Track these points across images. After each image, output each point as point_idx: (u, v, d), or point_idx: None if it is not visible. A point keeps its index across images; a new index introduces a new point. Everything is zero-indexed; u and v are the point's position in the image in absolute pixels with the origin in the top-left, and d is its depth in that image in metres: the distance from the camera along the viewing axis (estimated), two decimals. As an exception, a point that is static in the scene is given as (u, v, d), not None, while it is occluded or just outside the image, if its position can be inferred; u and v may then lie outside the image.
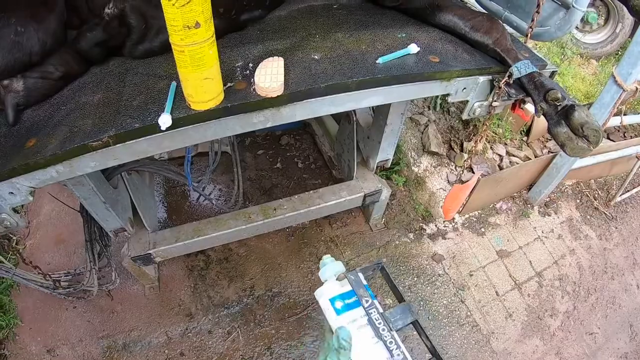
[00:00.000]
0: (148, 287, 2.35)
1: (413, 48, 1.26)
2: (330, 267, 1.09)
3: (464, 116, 1.51)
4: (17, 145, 1.03)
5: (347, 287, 1.04)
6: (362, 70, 1.14)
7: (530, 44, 4.11)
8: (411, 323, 0.96)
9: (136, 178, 2.08)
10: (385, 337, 0.87)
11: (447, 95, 1.36)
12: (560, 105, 1.26)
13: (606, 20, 4.30)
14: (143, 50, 1.25)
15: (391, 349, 0.85)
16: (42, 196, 2.69)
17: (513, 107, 1.50)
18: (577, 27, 4.32)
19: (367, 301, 0.94)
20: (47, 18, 1.14)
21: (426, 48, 1.32)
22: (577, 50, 4.16)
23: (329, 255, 1.17)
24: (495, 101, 1.39)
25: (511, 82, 1.32)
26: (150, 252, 2.01)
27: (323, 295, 1.00)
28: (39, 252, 2.48)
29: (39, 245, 2.52)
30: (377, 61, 1.19)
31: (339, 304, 0.95)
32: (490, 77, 1.36)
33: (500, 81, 1.32)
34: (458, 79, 1.31)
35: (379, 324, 0.89)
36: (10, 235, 2.47)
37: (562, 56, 4.00)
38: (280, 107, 1.10)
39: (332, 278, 1.06)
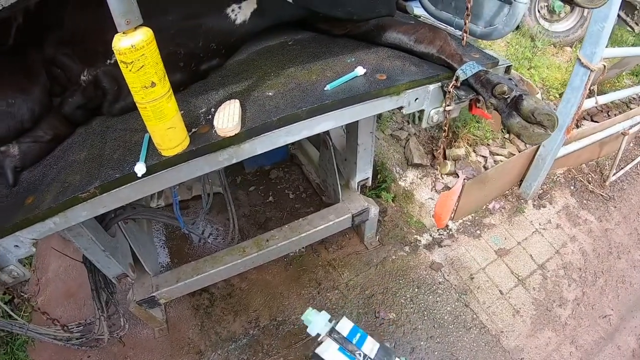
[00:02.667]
0: (157, 329, 2.41)
1: (359, 70, 1.38)
2: (317, 321, 1.17)
3: (423, 124, 1.59)
4: (17, 203, 1.16)
5: (347, 330, 1.14)
6: (311, 99, 1.26)
7: (502, 43, 4.21)
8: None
9: (133, 226, 2.18)
10: None
11: (401, 107, 1.46)
12: (508, 97, 1.32)
13: (573, 6, 4.39)
14: (119, 108, 1.39)
15: None
16: (48, 254, 2.82)
17: (470, 107, 1.57)
18: (545, 18, 4.40)
19: (360, 355, 1.05)
20: (32, 89, 1.28)
21: (374, 68, 1.43)
22: (549, 40, 4.24)
23: (309, 309, 1.24)
24: (448, 106, 1.48)
25: (459, 84, 1.39)
26: (154, 294, 2.09)
27: (328, 350, 1.09)
28: (50, 307, 2.57)
29: (50, 300, 2.62)
30: (325, 88, 1.30)
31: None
32: (440, 84, 1.44)
33: (449, 86, 1.41)
34: (407, 91, 1.40)
35: None
36: (22, 294, 2.58)
37: (534, 49, 4.09)
38: (240, 144, 1.21)
39: (323, 329, 1.14)
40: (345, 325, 1.18)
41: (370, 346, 1.12)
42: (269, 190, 3.20)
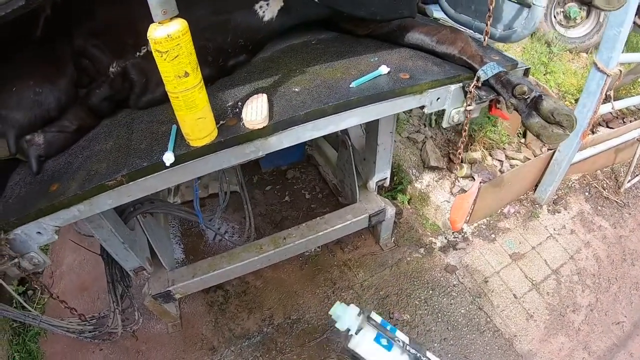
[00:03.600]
0: (171, 325, 2.43)
1: (383, 69, 1.39)
2: (347, 315, 1.10)
3: (444, 124, 1.60)
4: (42, 190, 1.18)
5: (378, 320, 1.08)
6: (337, 96, 1.27)
7: (518, 48, 4.18)
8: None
9: (151, 220, 2.21)
10: None
11: (423, 107, 1.47)
12: (528, 97, 1.33)
13: (588, 12, 4.33)
14: (146, 101, 1.41)
15: None
16: (63, 248, 2.86)
17: (490, 108, 1.58)
18: (561, 24, 4.38)
19: (398, 341, 1.00)
20: (60, 79, 1.30)
21: (397, 67, 1.45)
22: (565, 46, 4.21)
23: (338, 304, 1.18)
24: (469, 105, 1.49)
25: (480, 85, 1.41)
26: (169, 289, 2.11)
27: (362, 343, 1.03)
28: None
29: (64, 293, 2.64)
30: (350, 85, 1.31)
31: (384, 341, 1.00)
32: (461, 84, 1.45)
33: (470, 86, 1.42)
34: (430, 90, 1.41)
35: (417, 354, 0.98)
36: (37, 286, 2.61)
37: (550, 54, 4.07)
38: (267, 137, 1.23)
39: (354, 323, 1.06)
40: (376, 317, 1.13)
41: (402, 337, 1.09)
42: (285, 190, 3.22)
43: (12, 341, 2.39)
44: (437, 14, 2.03)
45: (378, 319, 1.11)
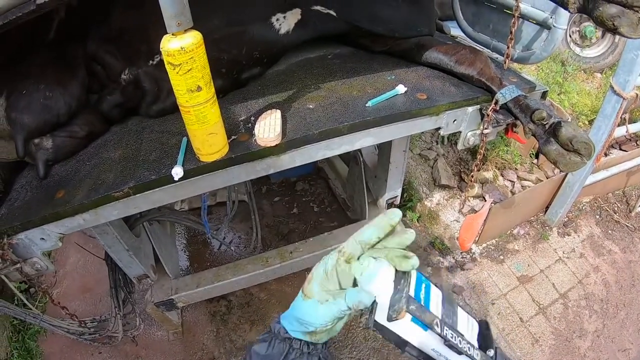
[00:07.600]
0: (172, 332, 2.40)
1: (400, 88, 1.36)
2: (379, 278, 0.63)
3: (459, 146, 1.56)
4: (47, 196, 1.15)
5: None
6: (352, 115, 1.24)
7: (533, 67, 4.12)
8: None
9: (157, 227, 2.18)
10: (463, 348, 0.66)
11: (439, 128, 1.44)
12: (547, 123, 1.29)
13: (604, 33, 4.26)
14: (157, 110, 1.39)
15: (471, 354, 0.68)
16: (68, 247, 2.83)
17: (506, 131, 1.54)
18: (576, 43, 4.34)
19: (437, 324, 0.63)
20: (71, 83, 1.28)
21: (414, 87, 1.41)
22: (579, 66, 4.15)
23: (365, 257, 0.66)
24: (486, 129, 1.45)
25: (498, 108, 1.36)
26: (172, 297, 2.08)
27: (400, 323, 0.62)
28: (65, 301, 2.53)
29: (66, 293, 2.63)
30: (366, 104, 1.28)
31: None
32: (478, 106, 1.41)
33: (488, 109, 1.39)
34: (447, 112, 1.38)
35: (455, 339, 0.65)
36: (40, 284, 2.59)
37: (565, 74, 4.02)
38: (279, 155, 1.20)
39: (386, 293, 0.62)
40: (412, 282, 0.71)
41: (436, 298, 0.66)
42: (293, 201, 3.19)
43: (11, 338, 2.37)
44: (455, 31, 2.00)
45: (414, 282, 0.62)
